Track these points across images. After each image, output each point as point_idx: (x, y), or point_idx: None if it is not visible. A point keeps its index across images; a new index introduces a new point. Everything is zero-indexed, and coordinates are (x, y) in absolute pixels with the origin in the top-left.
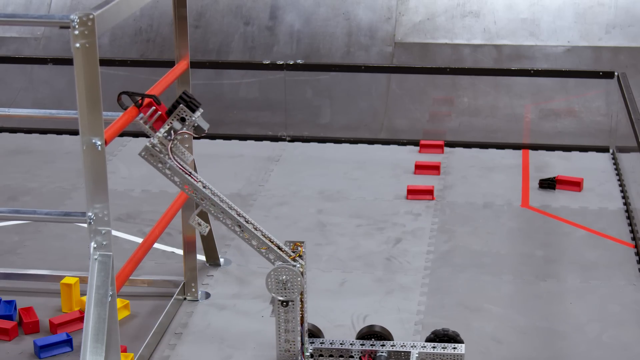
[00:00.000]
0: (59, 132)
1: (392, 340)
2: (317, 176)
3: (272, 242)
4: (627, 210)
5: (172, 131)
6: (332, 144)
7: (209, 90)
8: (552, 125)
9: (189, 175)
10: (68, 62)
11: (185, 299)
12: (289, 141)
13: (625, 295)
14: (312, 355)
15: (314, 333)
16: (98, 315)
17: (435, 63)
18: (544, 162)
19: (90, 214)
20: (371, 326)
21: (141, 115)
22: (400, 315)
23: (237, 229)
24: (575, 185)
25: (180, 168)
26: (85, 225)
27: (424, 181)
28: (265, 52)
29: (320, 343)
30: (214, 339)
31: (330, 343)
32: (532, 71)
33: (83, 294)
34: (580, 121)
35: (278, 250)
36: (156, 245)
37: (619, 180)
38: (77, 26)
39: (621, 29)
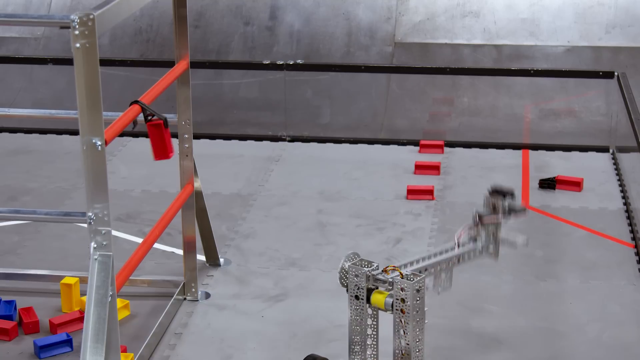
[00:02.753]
0: (59, 132)
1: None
2: (317, 176)
3: None
4: (627, 210)
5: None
6: (332, 144)
7: (209, 90)
8: (552, 125)
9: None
10: (68, 62)
11: (185, 299)
12: (289, 141)
13: (625, 295)
14: None
15: None
16: (98, 315)
17: (435, 63)
18: (544, 162)
19: (90, 214)
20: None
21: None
22: None
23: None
24: (575, 185)
25: None
26: (85, 225)
27: (424, 181)
28: (265, 52)
29: None
30: (214, 339)
31: None
32: (532, 71)
33: (83, 294)
34: (580, 121)
35: None
36: (156, 245)
37: (619, 180)
38: (77, 26)
39: (621, 29)
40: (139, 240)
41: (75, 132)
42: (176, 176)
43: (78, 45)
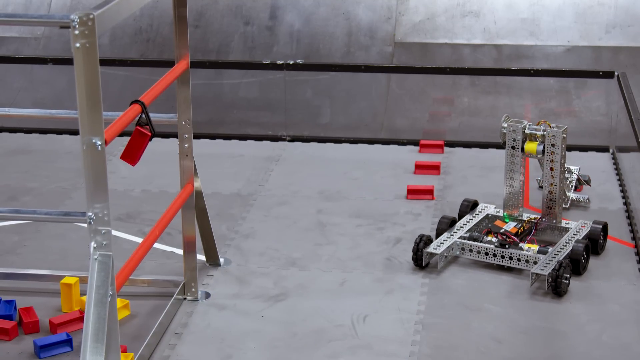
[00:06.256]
0: (59, 132)
1: None
2: (317, 176)
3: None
4: (627, 210)
5: None
6: (332, 144)
7: (209, 90)
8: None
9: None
10: (68, 62)
11: (185, 299)
12: (289, 141)
13: (625, 295)
14: None
15: None
16: (98, 315)
17: (435, 63)
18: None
19: (90, 213)
20: None
21: None
22: (400, 315)
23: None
24: None
25: None
26: (85, 225)
27: (424, 181)
28: (265, 52)
29: None
30: (214, 339)
31: None
32: (532, 71)
33: (83, 294)
34: (580, 121)
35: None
36: (156, 245)
37: (619, 180)
38: (77, 26)
39: (621, 28)
40: (139, 240)
41: (75, 132)
42: (176, 176)
43: (78, 45)
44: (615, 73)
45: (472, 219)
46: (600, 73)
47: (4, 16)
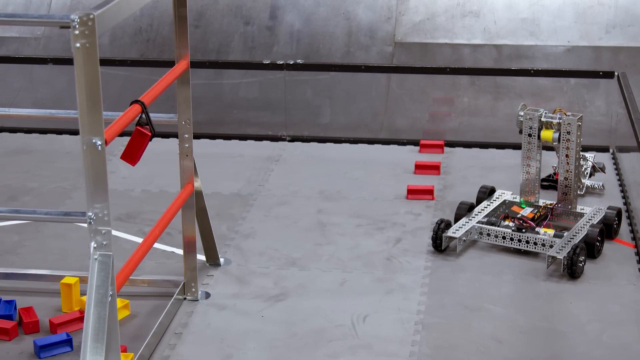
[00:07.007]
0: (59, 132)
1: None
2: (317, 176)
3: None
4: (627, 210)
5: None
6: (332, 144)
7: (209, 90)
8: None
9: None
10: (68, 62)
11: (185, 299)
12: (289, 141)
13: (625, 295)
14: None
15: None
16: (98, 315)
17: (435, 63)
18: (544, 162)
19: (90, 213)
20: None
21: None
22: (400, 315)
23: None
24: None
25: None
26: (85, 225)
27: (424, 181)
28: (265, 52)
29: None
30: (214, 339)
31: None
32: (532, 71)
33: (83, 293)
34: None
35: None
36: (156, 245)
37: (619, 180)
38: (77, 26)
39: (621, 28)
40: (139, 240)
41: (75, 132)
42: (176, 176)
43: (78, 45)
44: (615, 73)
45: (489, 205)
46: (600, 73)
47: (4, 16)
